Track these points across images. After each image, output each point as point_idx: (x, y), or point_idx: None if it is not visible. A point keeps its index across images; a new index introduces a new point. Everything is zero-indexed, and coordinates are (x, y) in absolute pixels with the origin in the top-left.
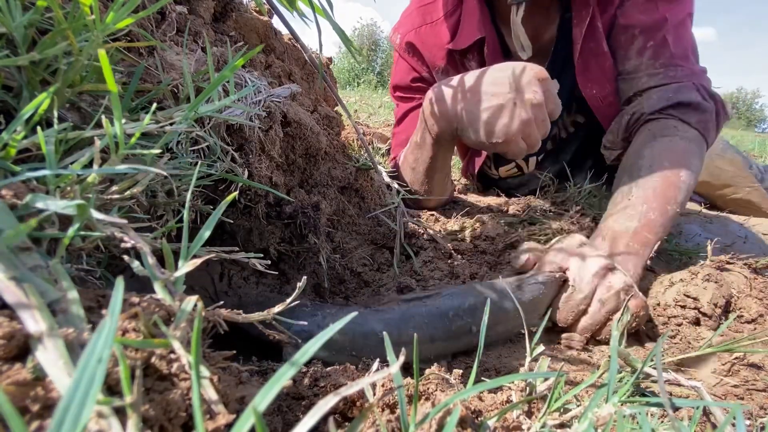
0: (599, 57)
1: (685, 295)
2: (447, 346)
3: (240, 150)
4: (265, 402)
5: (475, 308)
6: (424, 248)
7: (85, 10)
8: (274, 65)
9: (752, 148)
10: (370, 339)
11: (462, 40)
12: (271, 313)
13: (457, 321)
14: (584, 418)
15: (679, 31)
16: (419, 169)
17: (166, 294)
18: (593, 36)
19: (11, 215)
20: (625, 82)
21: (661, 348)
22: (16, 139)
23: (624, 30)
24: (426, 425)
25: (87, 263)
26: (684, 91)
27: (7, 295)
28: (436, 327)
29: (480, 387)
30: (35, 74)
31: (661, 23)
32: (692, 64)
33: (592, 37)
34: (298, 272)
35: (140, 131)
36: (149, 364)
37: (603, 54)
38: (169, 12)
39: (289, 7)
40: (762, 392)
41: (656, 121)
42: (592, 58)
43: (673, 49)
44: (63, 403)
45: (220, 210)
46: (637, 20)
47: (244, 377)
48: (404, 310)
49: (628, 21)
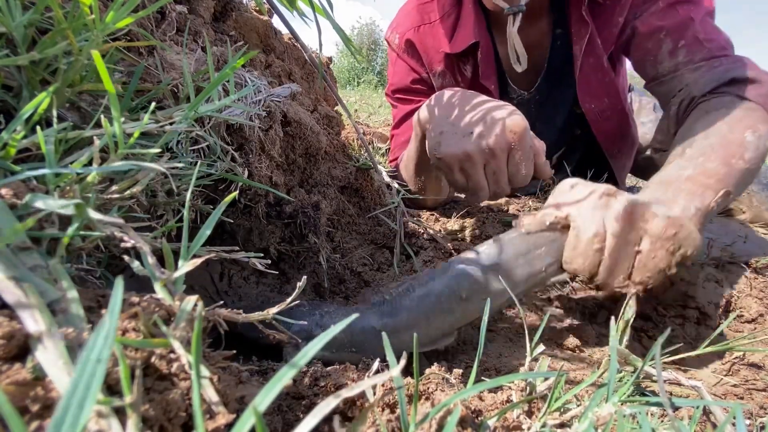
0: (600, 72)
1: (685, 294)
2: (444, 322)
3: (240, 149)
4: (265, 402)
5: (460, 276)
6: (424, 248)
7: (85, 9)
8: (274, 65)
9: None
10: (368, 334)
11: (458, 43)
12: (271, 314)
13: (444, 297)
14: (584, 418)
15: (707, 27)
16: (410, 166)
17: (166, 294)
18: (593, 52)
19: (11, 215)
20: (663, 85)
21: (660, 347)
22: (15, 139)
23: (648, 36)
24: (426, 425)
25: (87, 263)
26: (735, 69)
27: (6, 294)
28: (427, 307)
29: (480, 387)
30: (35, 74)
31: (687, 23)
32: (733, 53)
33: (593, 53)
34: (298, 272)
35: (139, 131)
36: (149, 363)
37: (603, 69)
38: (169, 11)
39: (289, 6)
40: (762, 392)
41: (708, 101)
42: (592, 74)
43: (708, 45)
44: (62, 403)
45: (220, 210)
46: (659, 25)
47: (244, 377)
48: (397, 300)
49: (651, 27)
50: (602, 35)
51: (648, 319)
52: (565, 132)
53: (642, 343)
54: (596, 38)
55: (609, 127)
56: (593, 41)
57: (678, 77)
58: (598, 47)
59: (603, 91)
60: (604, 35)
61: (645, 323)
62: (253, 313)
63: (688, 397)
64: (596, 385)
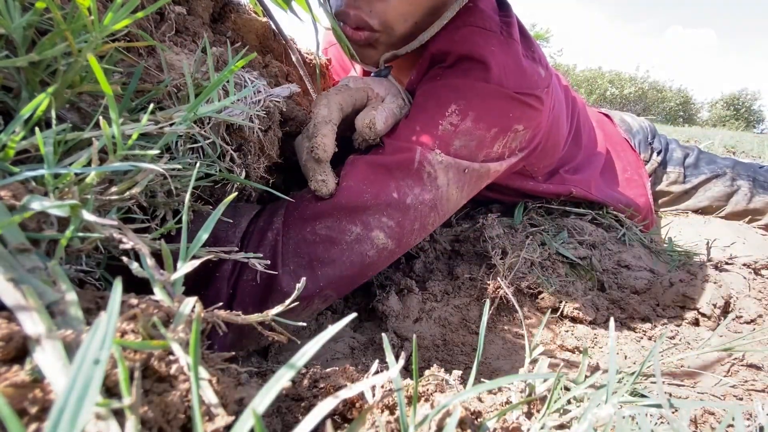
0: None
1: (684, 295)
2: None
3: (239, 150)
4: (264, 403)
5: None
6: (424, 249)
7: (84, 11)
8: (272, 65)
9: (751, 148)
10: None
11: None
12: (270, 315)
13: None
14: (584, 419)
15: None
16: None
17: (164, 295)
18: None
19: (9, 216)
20: None
21: (659, 348)
22: (14, 140)
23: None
24: (425, 426)
25: (86, 264)
26: None
27: (5, 296)
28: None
29: (479, 388)
30: (34, 75)
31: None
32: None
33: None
34: None
35: (138, 132)
36: (148, 365)
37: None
38: (168, 13)
39: (283, 5)
40: (761, 392)
41: None
42: None
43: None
44: (57, 406)
45: (219, 210)
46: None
47: (243, 378)
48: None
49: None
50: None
51: (647, 320)
52: None
53: (641, 344)
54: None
55: None
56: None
57: None
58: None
59: None
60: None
61: (644, 324)
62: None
63: (687, 397)
64: (595, 386)
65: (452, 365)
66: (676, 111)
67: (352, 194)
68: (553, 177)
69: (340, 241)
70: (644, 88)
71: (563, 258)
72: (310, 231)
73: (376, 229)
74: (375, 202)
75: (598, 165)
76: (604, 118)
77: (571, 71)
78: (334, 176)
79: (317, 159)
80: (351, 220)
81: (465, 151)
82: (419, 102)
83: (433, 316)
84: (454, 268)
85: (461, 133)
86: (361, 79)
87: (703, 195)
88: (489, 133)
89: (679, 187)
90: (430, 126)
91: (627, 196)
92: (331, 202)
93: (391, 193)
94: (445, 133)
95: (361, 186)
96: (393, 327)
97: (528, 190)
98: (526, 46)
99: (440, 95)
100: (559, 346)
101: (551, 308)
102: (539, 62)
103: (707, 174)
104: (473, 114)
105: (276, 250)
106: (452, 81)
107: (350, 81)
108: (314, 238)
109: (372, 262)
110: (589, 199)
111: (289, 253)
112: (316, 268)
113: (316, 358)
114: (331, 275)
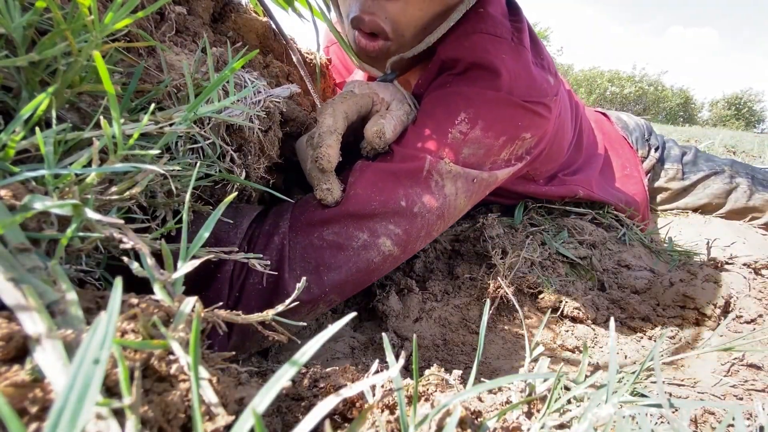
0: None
1: (684, 295)
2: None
3: (239, 150)
4: (264, 403)
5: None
6: (424, 249)
7: (84, 10)
8: (273, 65)
9: (751, 148)
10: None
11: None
12: (270, 315)
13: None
14: (584, 419)
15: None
16: None
17: (165, 295)
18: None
19: (10, 216)
20: None
21: (659, 348)
22: (15, 140)
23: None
24: (425, 426)
25: (86, 264)
26: None
27: (5, 296)
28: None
29: (479, 388)
30: (34, 75)
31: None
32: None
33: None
34: None
35: (138, 132)
36: (148, 365)
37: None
38: (168, 12)
39: (284, 5)
40: (761, 392)
41: None
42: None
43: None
44: (57, 406)
45: (219, 210)
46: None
47: (243, 378)
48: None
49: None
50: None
51: (647, 320)
52: None
53: (641, 343)
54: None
55: None
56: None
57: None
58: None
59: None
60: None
61: (644, 324)
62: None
63: (687, 397)
64: (595, 386)
65: (452, 365)
66: (676, 111)
67: (360, 201)
68: (552, 180)
69: (347, 247)
70: (644, 87)
71: (563, 258)
72: (318, 236)
73: (383, 236)
74: (383, 210)
75: (597, 165)
76: (601, 118)
77: (570, 71)
78: (339, 184)
79: (322, 169)
80: (358, 226)
81: (473, 159)
82: (428, 109)
83: (433, 316)
84: (454, 268)
85: (470, 141)
86: (366, 85)
87: (702, 192)
88: (497, 142)
89: (678, 183)
90: (439, 134)
91: (626, 194)
92: (339, 209)
93: (399, 201)
94: (454, 142)
95: (369, 193)
96: (393, 326)
97: (530, 193)
98: (535, 53)
99: (449, 103)
100: (559, 345)
101: (551, 308)
102: (548, 70)
103: (706, 171)
104: (482, 123)
105: (283, 254)
106: (462, 89)
107: (355, 87)
108: (321, 243)
109: (377, 268)
110: (592, 198)
111: (297, 258)
112: (323, 274)
113: (316, 358)
114: (337, 280)
